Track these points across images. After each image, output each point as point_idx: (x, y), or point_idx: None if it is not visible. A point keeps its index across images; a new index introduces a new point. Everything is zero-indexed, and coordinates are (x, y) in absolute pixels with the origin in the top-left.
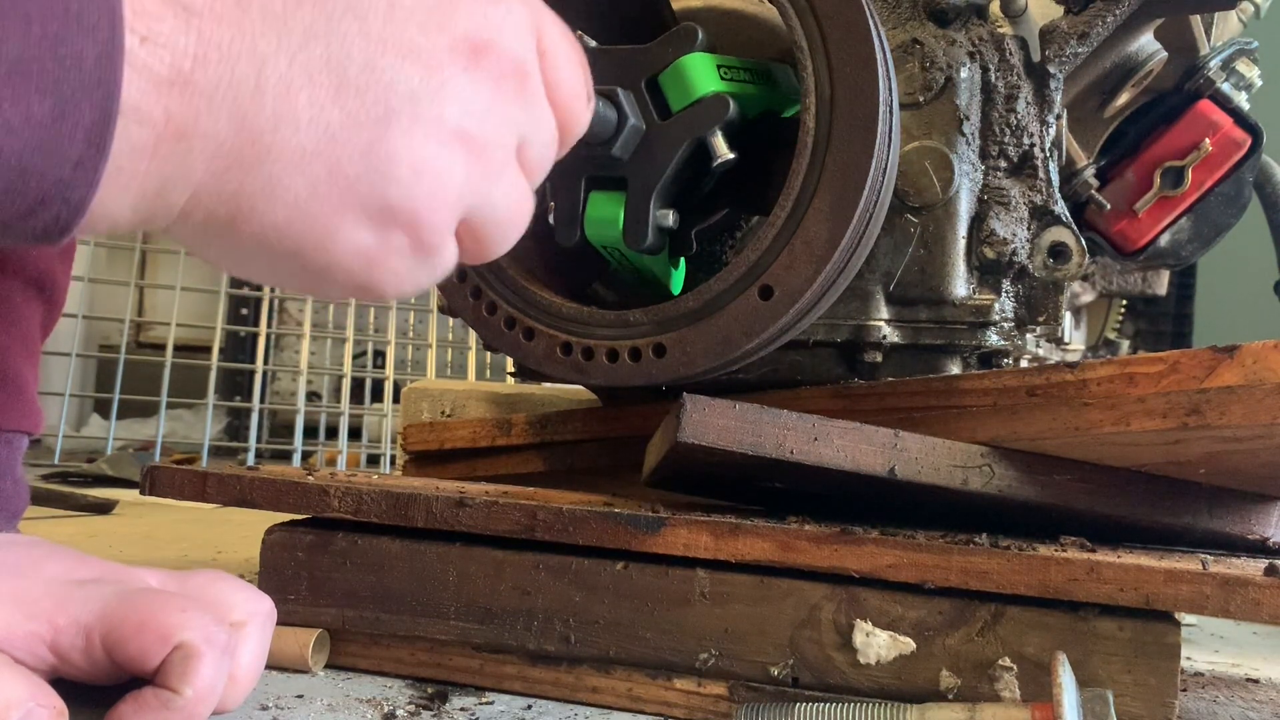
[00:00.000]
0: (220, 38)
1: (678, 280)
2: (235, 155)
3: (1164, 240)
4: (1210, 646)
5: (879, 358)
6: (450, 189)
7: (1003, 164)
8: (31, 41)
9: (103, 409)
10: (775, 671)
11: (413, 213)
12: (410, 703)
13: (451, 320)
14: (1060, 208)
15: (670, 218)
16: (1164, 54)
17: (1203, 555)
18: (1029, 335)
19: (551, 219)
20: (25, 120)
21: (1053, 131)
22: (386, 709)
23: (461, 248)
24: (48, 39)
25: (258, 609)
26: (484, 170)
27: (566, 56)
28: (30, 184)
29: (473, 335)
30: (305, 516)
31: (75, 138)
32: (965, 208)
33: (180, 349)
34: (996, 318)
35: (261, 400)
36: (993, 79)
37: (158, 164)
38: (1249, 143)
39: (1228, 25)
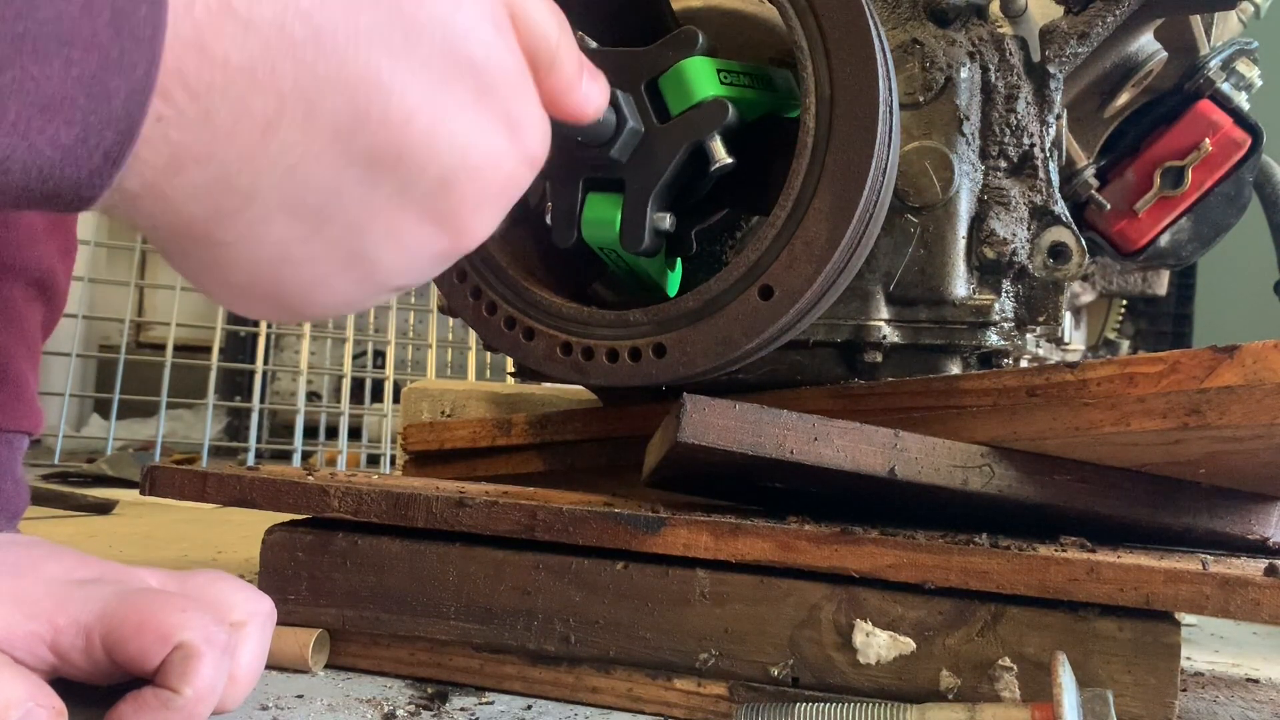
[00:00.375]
0: (226, 155)
1: (674, 282)
2: (199, 236)
3: (1164, 240)
4: (1210, 646)
5: (879, 358)
6: (505, 174)
7: (1003, 164)
8: (70, 82)
9: (103, 409)
10: (775, 671)
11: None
12: (410, 703)
13: (451, 320)
14: (1060, 208)
15: (667, 221)
16: (1164, 54)
17: (1203, 555)
18: (1029, 335)
19: (549, 219)
20: (51, 143)
21: (1053, 131)
22: (386, 709)
23: None
24: (84, 79)
25: (258, 609)
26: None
27: None
28: (48, 184)
29: (473, 335)
30: (305, 516)
31: (94, 156)
32: (965, 208)
33: (180, 349)
34: (996, 318)
35: (261, 400)
36: (993, 79)
37: (133, 203)
38: (1249, 143)
39: (1228, 25)
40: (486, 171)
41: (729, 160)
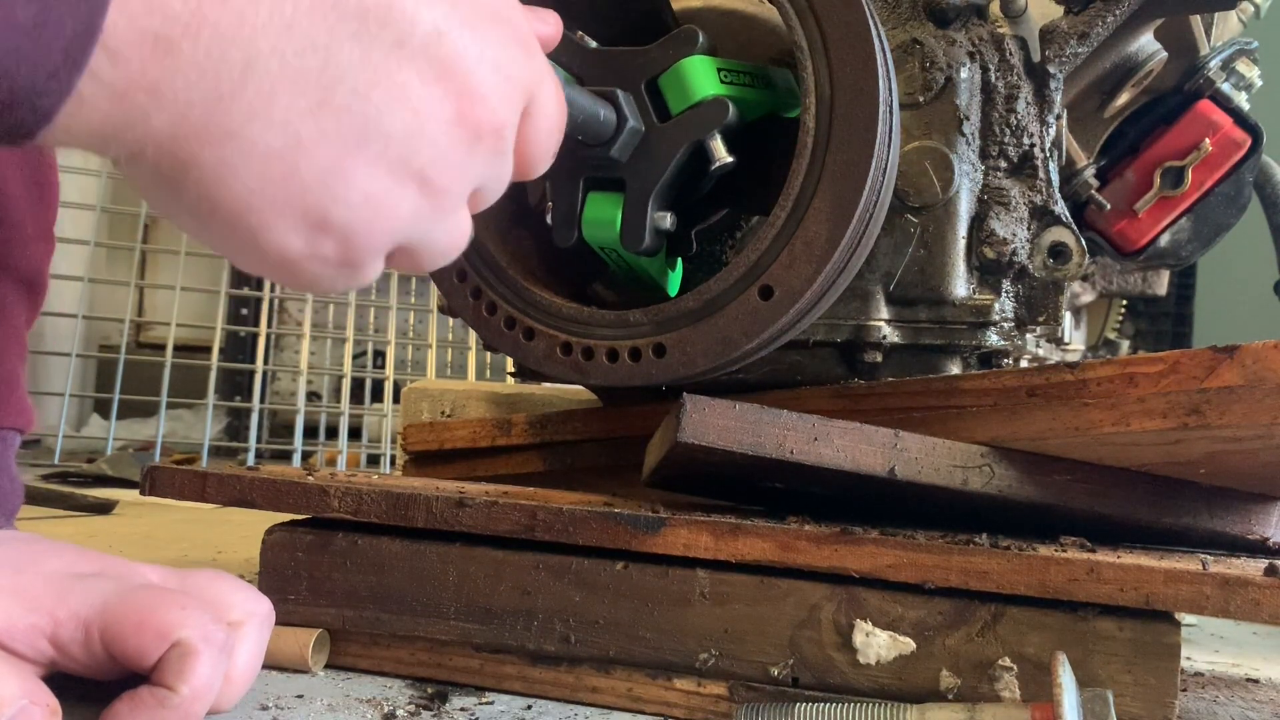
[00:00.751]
0: (219, 19)
1: (674, 282)
2: (199, 128)
3: (1164, 240)
4: (1210, 646)
5: (879, 358)
6: (394, 222)
7: (1003, 164)
8: None
9: (103, 409)
10: (775, 671)
11: (349, 233)
12: (410, 703)
13: (451, 320)
14: (1060, 208)
15: (668, 220)
16: (1164, 54)
17: (1203, 555)
18: (1029, 335)
19: (549, 219)
20: (6, 23)
21: (1053, 131)
22: (386, 709)
23: (393, 263)
24: None
25: (256, 609)
26: (432, 212)
27: (548, 119)
28: (1, 84)
29: (473, 335)
30: (305, 516)
31: (53, 48)
32: (965, 208)
33: (180, 349)
34: (996, 318)
35: (261, 400)
36: (993, 79)
37: (123, 108)
38: (1249, 143)
39: (1228, 25)
40: (482, 22)
41: (729, 159)
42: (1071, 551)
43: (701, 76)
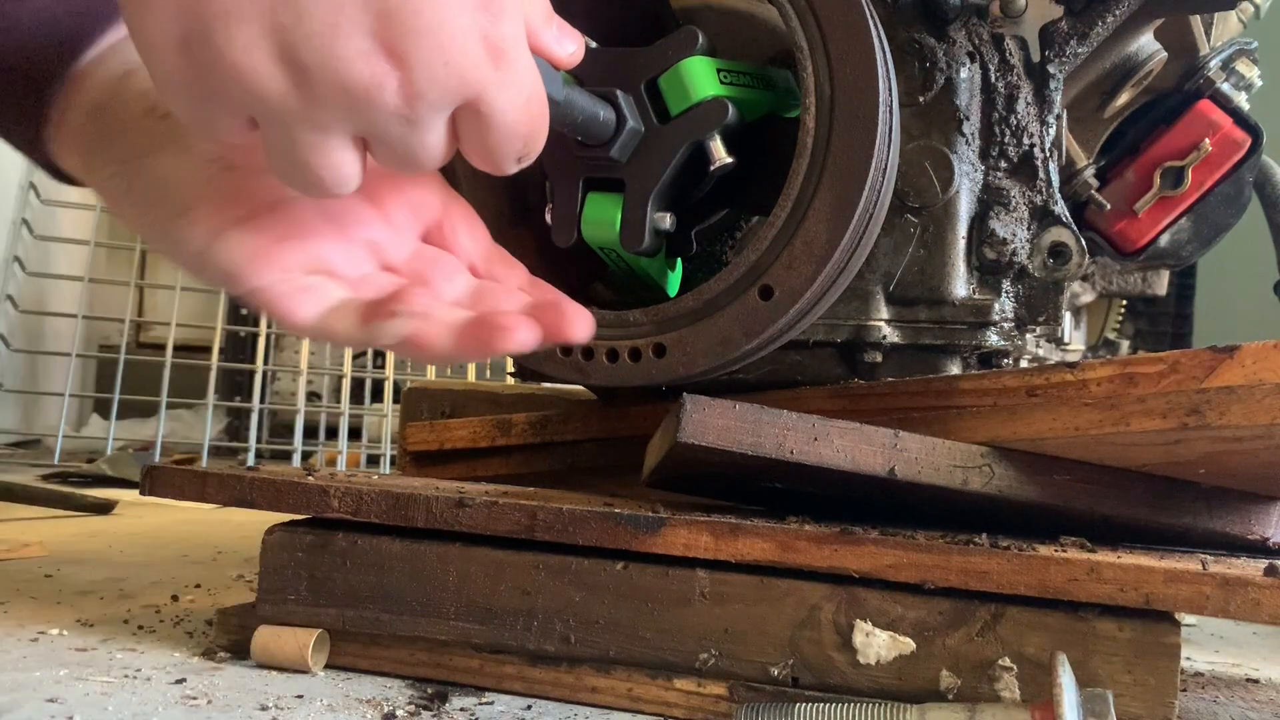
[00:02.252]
0: None
1: (674, 282)
2: None
3: (1164, 240)
4: (1210, 646)
5: (879, 358)
6: (461, 55)
7: (1003, 164)
8: None
9: (103, 409)
10: (775, 671)
11: (413, 55)
12: (410, 703)
13: None
14: (1060, 208)
15: (667, 220)
16: (1164, 54)
17: (1203, 555)
18: (1029, 335)
19: (549, 219)
20: None
21: (1053, 131)
22: (386, 709)
23: (465, 142)
24: None
25: None
26: (492, 49)
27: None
28: None
29: None
30: (305, 517)
31: None
32: (965, 208)
33: (180, 349)
34: (996, 318)
35: (261, 400)
36: (993, 79)
37: None
38: (1249, 143)
39: (1228, 25)
40: None
41: (729, 160)
42: (1071, 551)
43: (701, 77)
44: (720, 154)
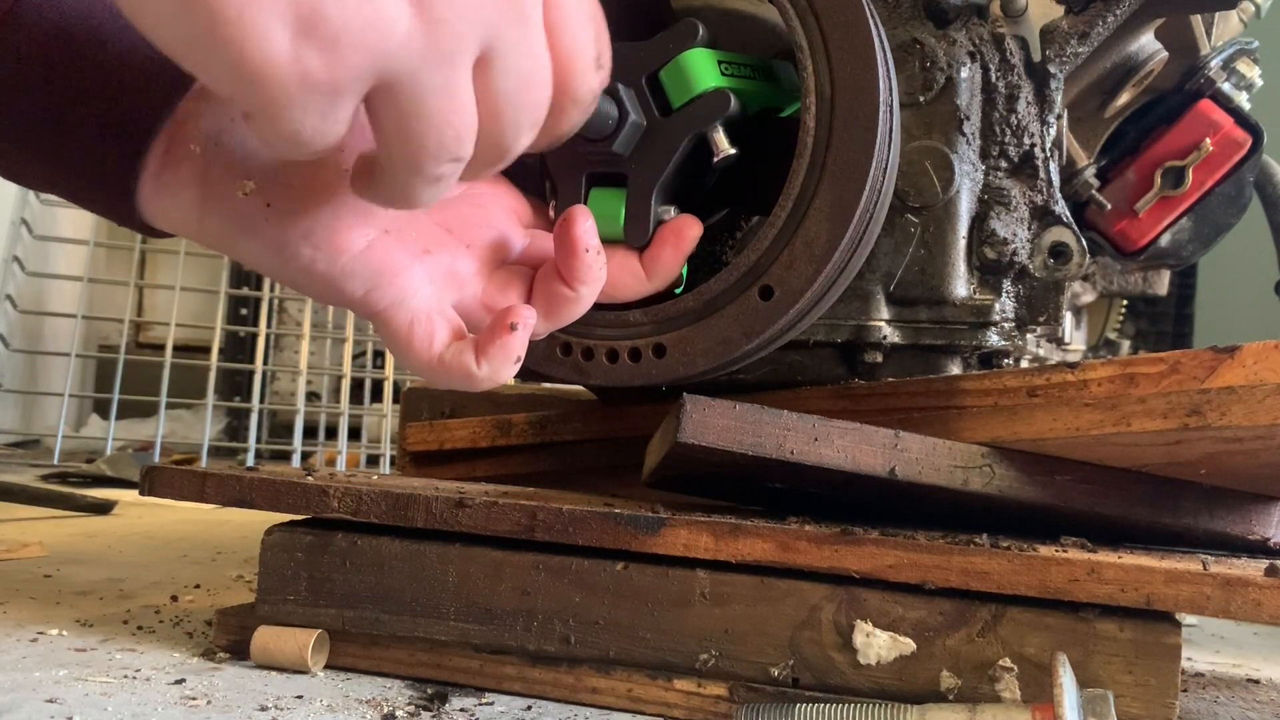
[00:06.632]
0: None
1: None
2: None
3: (1164, 240)
4: (1211, 647)
5: (879, 358)
6: (386, 39)
7: (1003, 164)
8: None
9: (102, 409)
10: (775, 672)
11: (339, 36)
12: (410, 703)
13: None
14: (1061, 208)
15: (671, 214)
16: (1164, 54)
17: (1203, 556)
18: (1029, 335)
19: (552, 215)
20: None
21: (1053, 131)
22: (386, 710)
23: (375, 117)
24: None
25: None
26: (426, 42)
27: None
28: None
29: None
30: (305, 517)
31: None
32: (965, 208)
33: (180, 349)
34: (997, 318)
35: (261, 400)
36: (993, 79)
37: None
38: (1249, 143)
39: (1228, 25)
40: None
41: (732, 151)
42: (1072, 552)
43: (702, 69)
44: (723, 145)
